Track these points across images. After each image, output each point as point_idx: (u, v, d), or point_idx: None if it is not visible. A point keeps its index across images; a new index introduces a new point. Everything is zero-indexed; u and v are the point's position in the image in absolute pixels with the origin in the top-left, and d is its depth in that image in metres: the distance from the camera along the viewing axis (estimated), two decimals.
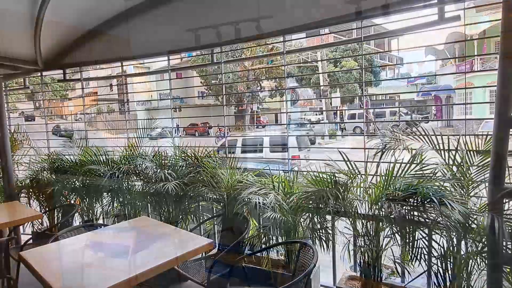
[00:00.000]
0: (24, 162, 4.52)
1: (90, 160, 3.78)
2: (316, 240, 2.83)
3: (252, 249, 3.26)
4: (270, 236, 3.02)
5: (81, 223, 3.85)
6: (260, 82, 24.86)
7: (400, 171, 2.59)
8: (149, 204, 3.76)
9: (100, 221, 3.98)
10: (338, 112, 22.62)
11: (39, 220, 4.23)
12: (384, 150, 2.60)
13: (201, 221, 3.50)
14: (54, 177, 4.09)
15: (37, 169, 4.24)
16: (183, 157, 3.53)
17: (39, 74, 4.62)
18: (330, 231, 2.89)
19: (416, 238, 2.46)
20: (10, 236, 3.17)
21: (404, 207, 2.47)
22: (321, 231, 2.84)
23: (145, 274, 1.82)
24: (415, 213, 2.46)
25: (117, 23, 4.02)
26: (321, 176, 2.77)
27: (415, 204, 2.49)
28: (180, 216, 3.40)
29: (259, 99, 24.20)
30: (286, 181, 3.05)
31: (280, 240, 3.06)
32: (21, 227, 4.26)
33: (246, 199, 2.94)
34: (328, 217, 2.88)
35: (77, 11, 3.82)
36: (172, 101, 4.38)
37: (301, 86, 24.64)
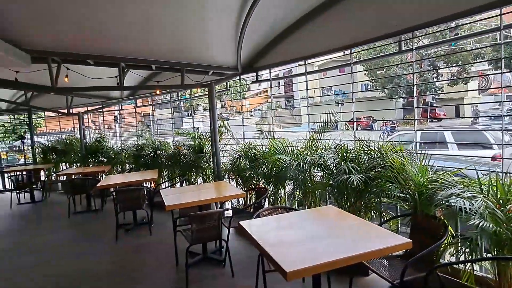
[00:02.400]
0: (226, 150, 5.61)
1: (278, 150, 4.28)
2: None
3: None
4: (474, 247, 2.57)
5: (269, 206, 4.42)
6: (437, 70, 21.46)
7: None
8: (329, 195, 3.92)
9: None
10: None
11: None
12: None
13: (382, 217, 3.37)
14: (248, 164, 4.88)
15: (236, 156, 5.17)
16: (365, 151, 3.47)
17: (238, 77, 5.58)
18: None
19: None
20: (223, 208, 3.99)
21: None
22: None
23: (342, 261, 1.89)
24: None
25: (300, 25, 4.35)
26: None
27: None
28: (363, 210, 3.37)
29: (434, 89, 21.00)
30: (499, 184, 2.51)
31: (485, 255, 2.57)
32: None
33: (444, 201, 2.61)
34: None
35: (267, 20, 4.35)
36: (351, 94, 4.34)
37: None
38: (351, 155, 3.57)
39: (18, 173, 7.54)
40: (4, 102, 8.36)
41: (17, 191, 7.60)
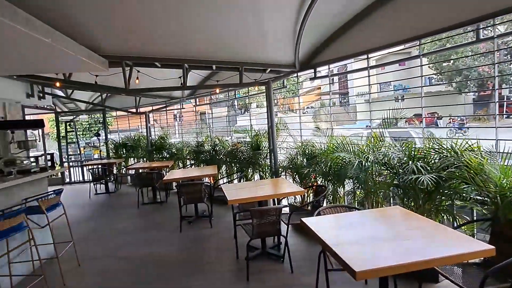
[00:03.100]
0: (283, 147, 5.64)
1: (338, 148, 4.18)
2: None
3: None
4: None
5: (327, 204, 4.35)
6: None
7: None
8: (393, 195, 3.74)
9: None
10: None
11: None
12: None
13: (455, 221, 3.11)
14: (305, 161, 4.85)
15: (293, 153, 5.18)
16: (436, 149, 3.23)
17: (295, 75, 5.56)
18: None
19: None
20: (282, 205, 4.03)
21: None
22: None
23: (415, 265, 1.79)
24: None
25: (361, 17, 4.19)
26: None
27: None
28: (433, 213, 3.16)
29: None
30: None
31: None
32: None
33: None
34: None
35: (326, 15, 4.26)
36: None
37: None
38: (419, 153, 3.35)
39: (94, 166, 8.44)
40: (83, 103, 9.40)
41: (94, 183, 8.53)
